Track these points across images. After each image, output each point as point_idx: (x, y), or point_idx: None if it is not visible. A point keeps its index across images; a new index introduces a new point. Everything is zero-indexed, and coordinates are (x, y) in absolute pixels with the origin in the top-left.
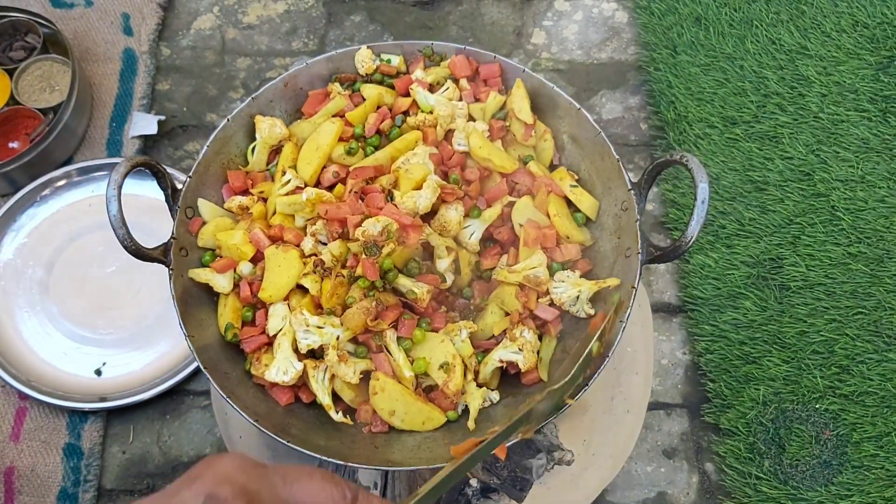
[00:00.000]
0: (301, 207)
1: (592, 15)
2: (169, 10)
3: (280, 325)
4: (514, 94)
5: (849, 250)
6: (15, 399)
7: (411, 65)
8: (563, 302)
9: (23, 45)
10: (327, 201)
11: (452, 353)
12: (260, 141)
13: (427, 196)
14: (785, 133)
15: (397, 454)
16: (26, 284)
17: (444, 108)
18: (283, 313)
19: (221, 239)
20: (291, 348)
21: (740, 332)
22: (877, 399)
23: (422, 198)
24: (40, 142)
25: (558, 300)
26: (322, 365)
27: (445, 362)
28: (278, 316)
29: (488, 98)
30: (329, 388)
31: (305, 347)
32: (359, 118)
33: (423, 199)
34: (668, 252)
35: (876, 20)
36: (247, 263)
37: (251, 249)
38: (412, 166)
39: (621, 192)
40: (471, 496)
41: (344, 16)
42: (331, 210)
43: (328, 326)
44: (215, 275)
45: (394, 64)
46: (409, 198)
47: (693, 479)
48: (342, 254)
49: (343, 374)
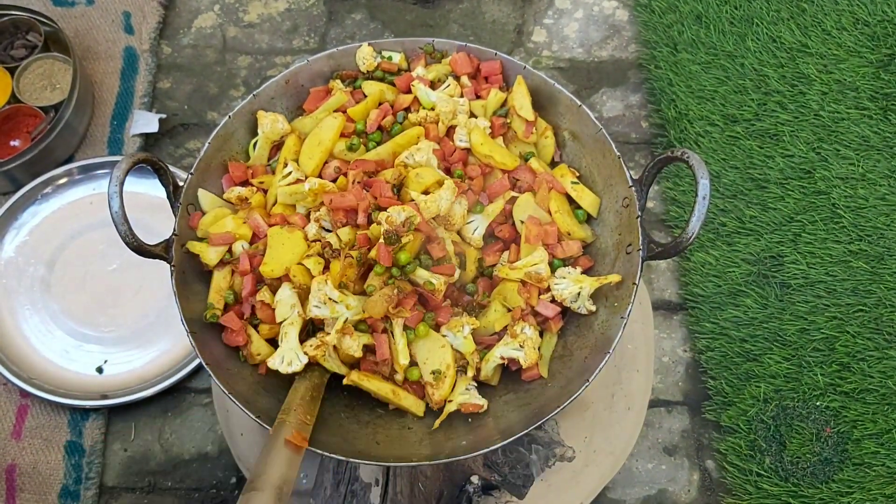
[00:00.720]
0: (303, 197)
1: (593, 13)
2: (170, 9)
3: (288, 313)
4: (516, 92)
5: (849, 248)
6: (16, 397)
7: (412, 62)
8: (565, 298)
9: (24, 44)
10: (331, 191)
11: (447, 364)
12: (262, 136)
13: (447, 197)
14: (785, 131)
15: (399, 450)
16: (28, 282)
17: (446, 105)
18: (291, 301)
19: (213, 230)
20: (298, 339)
21: (741, 329)
22: (877, 396)
23: (443, 199)
24: (41, 140)
25: (559, 296)
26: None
27: (438, 370)
28: (286, 304)
29: (489, 95)
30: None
31: (314, 315)
32: (360, 114)
33: (444, 201)
34: (669, 248)
35: (876, 18)
36: (244, 242)
37: (247, 231)
38: (422, 170)
39: (622, 188)
40: (472, 493)
41: (345, 14)
42: (335, 199)
43: (342, 305)
44: (208, 248)
45: (395, 61)
46: (433, 201)
47: (694, 477)
48: (350, 240)
49: (347, 347)
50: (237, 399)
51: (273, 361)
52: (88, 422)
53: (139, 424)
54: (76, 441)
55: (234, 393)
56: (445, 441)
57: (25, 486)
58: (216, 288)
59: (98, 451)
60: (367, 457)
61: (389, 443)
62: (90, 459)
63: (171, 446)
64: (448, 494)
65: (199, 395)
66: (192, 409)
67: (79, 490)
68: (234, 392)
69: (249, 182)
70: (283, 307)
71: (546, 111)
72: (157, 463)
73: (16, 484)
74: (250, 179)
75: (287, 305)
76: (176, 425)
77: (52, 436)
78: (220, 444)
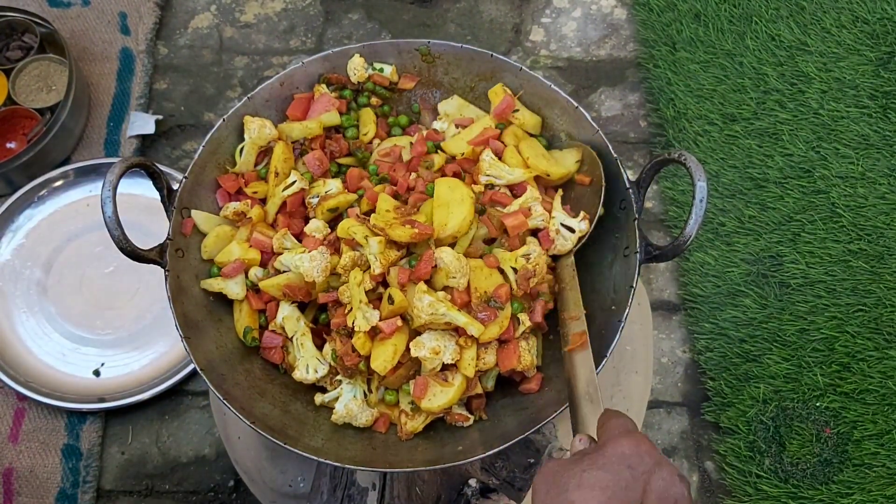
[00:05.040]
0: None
1: (591, 12)
2: (166, 9)
3: (296, 326)
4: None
5: (849, 247)
6: (13, 400)
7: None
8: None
9: (20, 45)
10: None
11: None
12: (248, 142)
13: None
14: (785, 130)
15: (395, 455)
16: (24, 285)
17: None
18: (294, 315)
19: (220, 259)
20: (315, 347)
21: (740, 329)
22: (877, 397)
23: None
24: (38, 142)
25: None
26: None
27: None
28: (292, 319)
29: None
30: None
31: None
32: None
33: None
34: (666, 251)
35: (876, 16)
36: (258, 269)
37: (255, 254)
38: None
39: (620, 190)
40: (470, 496)
41: (342, 14)
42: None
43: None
44: (227, 282)
45: (386, 73)
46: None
47: (693, 478)
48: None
49: (365, 315)
50: (232, 404)
51: (299, 373)
52: (85, 425)
53: (136, 427)
54: (73, 444)
55: (230, 398)
56: (441, 447)
57: (23, 490)
58: (248, 311)
59: (95, 455)
60: (363, 463)
61: (385, 449)
62: (87, 463)
63: (169, 449)
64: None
65: (197, 398)
66: (190, 412)
67: (76, 493)
68: (230, 397)
69: (242, 190)
70: (290, 323)
71: (543, 113)
72: (154, 466)
73: (13, 488)
74: (243, 188)
75: (293, 320)
76: (173, 428)
77: (50, 439)
78: (217, 447)
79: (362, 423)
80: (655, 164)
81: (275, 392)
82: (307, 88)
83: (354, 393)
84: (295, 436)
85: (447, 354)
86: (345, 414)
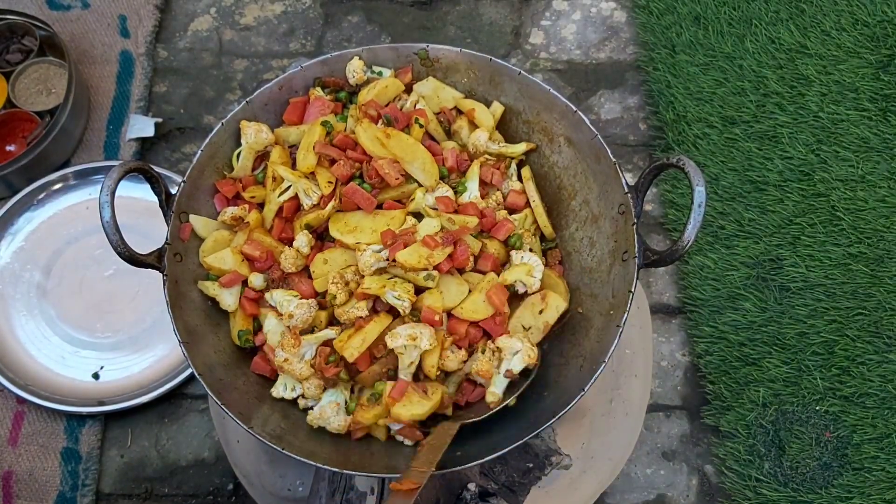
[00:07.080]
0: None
1: (591, 14)
2: (166, 12)
3: (280, 339)
4: None
5: (849, 251)
6: (13, 403)
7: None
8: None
9: (19, 48)
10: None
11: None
12: (245, 147)
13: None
14: (784, 133)
15: (393, 461)
16: (24, 288)
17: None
18: (279, 329)
19: (212, 265)
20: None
21: (740, 333)
22: (877, 400)
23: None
24: (37, 145)
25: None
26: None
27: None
28: (275, 333)
29: None
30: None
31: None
32: None
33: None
34: (664, 256)
35: (876, 18)
36: (258, 275)
37: (246, 268)
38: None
39: (618, 195)
40: (469, 501)
41: (341, 17)
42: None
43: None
44: (222, 291)
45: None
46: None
47: (693, 482)
48: None
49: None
50: (230, 409)
51: (276, 391)
52: (85, 428)
53: (136, 431)
54: (73, 447)
55: (227, 403)
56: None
57: (22, 493)
58: (242, 317)
59: (94, 458)
60: (361, 468)
61: (383, 454)
62: (87, 466)
63: (168, 453)
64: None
65: (196, 402)
66: (189, 415)
67: (75, 497)
68: (228, 402)
69: (240, 195)
70: (273, 336)
71: (542, 116)
72: (153, 469)
73: (13, 491)
74: (241, 193)
75: (277, 333)
76: (172, 431)
77: (49, 442)
78: (216, 451)
79: (335, 427)
80: (654, 169)
81: (271, 397)
82: (306, 92)
83: (336, 398)
84: (293, 441)
85: (424, 341)
86: (318, 416)
